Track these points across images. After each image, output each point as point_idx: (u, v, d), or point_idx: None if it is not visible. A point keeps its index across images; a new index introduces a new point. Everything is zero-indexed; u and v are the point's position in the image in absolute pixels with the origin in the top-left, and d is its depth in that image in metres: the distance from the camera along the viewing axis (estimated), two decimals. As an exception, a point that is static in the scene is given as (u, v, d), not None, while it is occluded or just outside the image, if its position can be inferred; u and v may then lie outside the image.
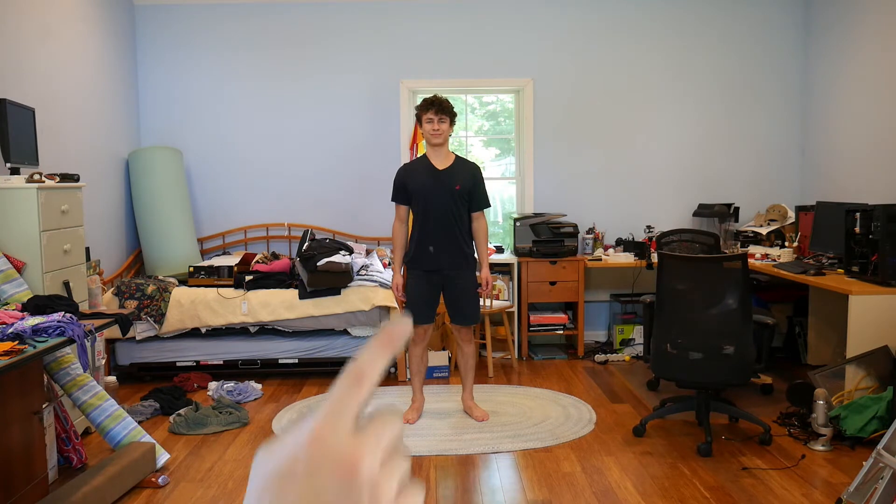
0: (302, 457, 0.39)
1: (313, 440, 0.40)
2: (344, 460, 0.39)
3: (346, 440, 0.40)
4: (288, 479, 0.39)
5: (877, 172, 5.12)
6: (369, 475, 0.40)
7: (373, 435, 0.41)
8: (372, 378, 0.42)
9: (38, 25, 4.50)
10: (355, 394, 0.41)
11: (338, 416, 0.40)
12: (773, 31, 6.13)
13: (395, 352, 0.43)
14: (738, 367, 3.78)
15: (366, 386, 0.41)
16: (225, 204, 6.15)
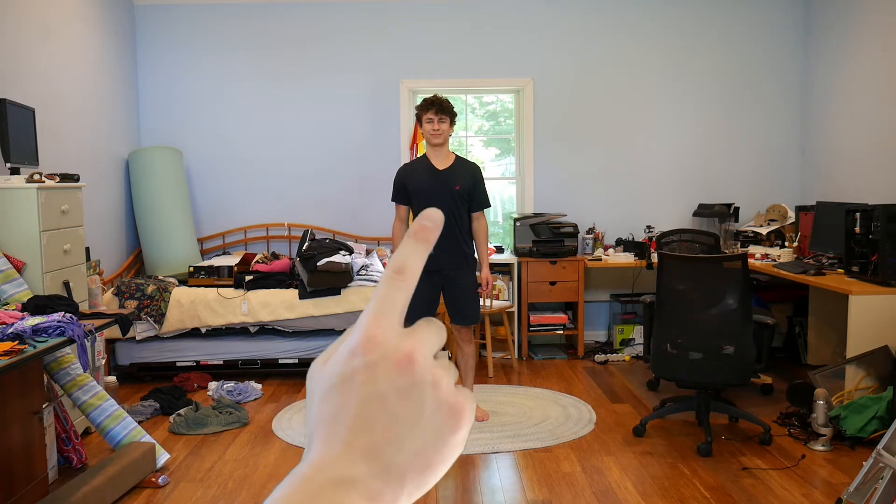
0: (358, 360, 0.39)
1: (366, 341, 0.40)
2: (399, 354, 0.39)
3: (397, 336, 0.40)
4: (348, 383, 0.39)
5: (877, 172, 5.12)
6: (426, 365, 0.40)
7: (422, 334, 0.41)
8: (413, 272, 0.41)
9: (38, 25, 4.50)
10: (399, 290, 0.41)
11: (386, 313, 0.40)
12: (773, 31, 6.13)
13: (431, 244, 0.42)
14: (738, 367, 3.78)
15: (408, 281, 0.41)
16: (225, 204, 6.15)
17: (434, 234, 0.42)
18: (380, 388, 0.39)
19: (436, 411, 0.39)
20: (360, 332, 0.40)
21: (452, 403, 0.40)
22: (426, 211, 0.43)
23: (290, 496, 0.37)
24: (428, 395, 0.39)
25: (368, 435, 0.38)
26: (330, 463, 0.38)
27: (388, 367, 0.39)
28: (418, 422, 0.39)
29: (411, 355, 0.39)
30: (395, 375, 0.39)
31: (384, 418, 0.38)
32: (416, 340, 0.40)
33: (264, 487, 3.47)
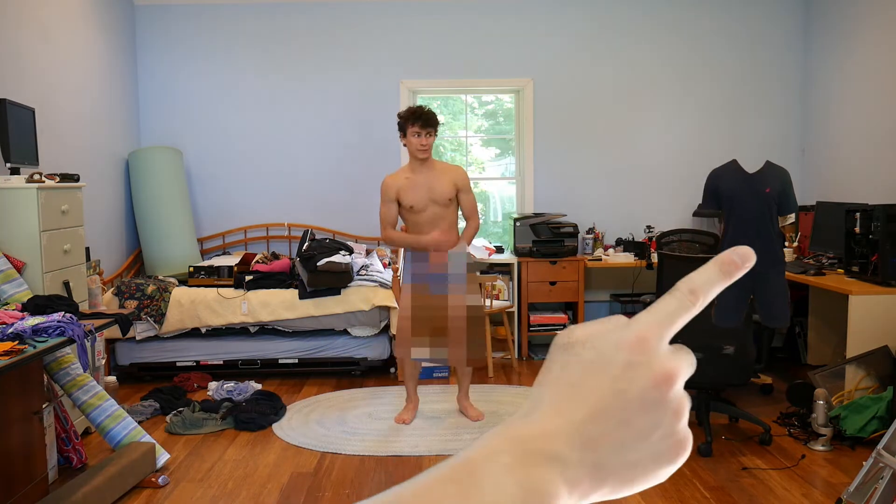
0: (623, 355, 0.39)
1: (638, 341, 0.39)
2: (664, 369, 0.39)
3: (667, 351, 0.40)
4: (602, 371, 0.39)
5: (877, 172, 5.12)
6: (678, 390, 0.40)
7: (684, 359, 0.40)
8: (706, 299, 0.41)
9: (38, 25, 4.50)
10: (685, 309, 0.40)
11: (664, 326, 0.40)
12: (773, 31, 6.13)
13: (733, 279, 0.41)
14: (738, 367, 3.78)
15: (697, 305, 0.41)
16: (225, 204, 6.15)
17: (739, 273, 0.41)
18: (630, 391, 0.39)
19: (664, 438, 0.40)
20: (634, 330, 0.40)
21: (681, 439, 0.40)
22: (741, 248, 0.42)
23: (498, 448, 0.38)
24: (666, 420, 0.39)
25: (598, 427, 0.38)
26: (550, 434, 0.38)
27: (647, 376, 0.39)
28: (646, 439, 0.39)
29: (672, 375, 0.39)
30: (649, 387, 0.39)
31: (619, 420, 0.38)
32: (681, 364, 0.40)
33: (264, 487, 3.47)
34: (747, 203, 3.87)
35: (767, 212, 3.89)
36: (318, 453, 3.88)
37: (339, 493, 3.40)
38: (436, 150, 6.54)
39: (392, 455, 3.83)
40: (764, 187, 3.91)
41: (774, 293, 3.84)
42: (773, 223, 3.88)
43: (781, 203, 3.94)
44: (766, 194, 3.90)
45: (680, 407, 0.40)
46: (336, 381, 5.17)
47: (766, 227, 3.84)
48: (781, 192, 3.94)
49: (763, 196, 3.89)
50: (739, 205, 3.88)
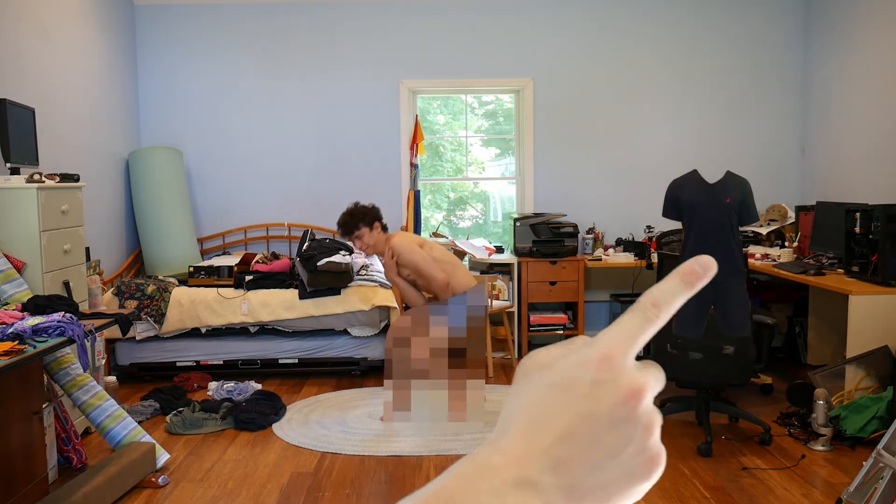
0: (588, 374, 0.39)
1: (602, 359, 0.39)
2: (631, 385, 0.39)
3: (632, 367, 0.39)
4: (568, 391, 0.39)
5: (877, 172, 5.12)
6: (647, 405, 0.39)
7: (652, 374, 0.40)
8: (668, 311, 0.40)
9: (38, 25, 4.50)
10: (649, 322, 0.40)
11: (629, 342, 0.40)
12: (773, 31, 6.13)
13: (695, 290, 0.41)
14: (738, 367, 3.78)
15: (660, 318, 0.40)
16: (225, 204, 6.15)
17: (701, 282, 0.41)
18: (597, 410, 0.38)
19: (636, 454, 0.39)
20: (598, 348, 0.39)
21: (654, 455, 0.40)
22: (702, 257, 0.41)
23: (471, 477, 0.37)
24: (637, 436, 0.39)
25: (568, 449, 0.38)
26: (520, 459, 0.38)
27: (615, 393, 0.38)
28: (618, 456, 0.38)
29: (640, 391, 0.39)
30: (617, 404, 0.38)
31: (590, 440, 0.38)
32: (648, 379, 0.39)
33: (264, 487, 3.47)
34: (707, 213, 3.90)
35: (728, 222, 3.91)
36: (318, 453, 3.88)
37: (339, 493, 3.40)
38: (436, 151, 6.56)
39: (392, 455, 3.83)
40: (724, 197, 3.94)
41: (735, 303, 3.86)
42: (733, 233, 3.91)
43: (742, 213, 3.97)
44: (727, 204, 3.93)
45: (650, 422, 0.39)
46: (336, 381, 5.17)
47: (726, 238, 3.88)
48: (742, 202, 3.96)
49: (723, 206, 3.91)
50: (700, 215, 3.90)
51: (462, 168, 6.60)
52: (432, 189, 6.59)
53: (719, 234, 3.83)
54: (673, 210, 4.04)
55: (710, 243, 3.80)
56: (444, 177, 6.61)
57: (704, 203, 3.89)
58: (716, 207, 3.86)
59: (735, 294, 3.75)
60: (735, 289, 3.76)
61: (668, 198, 4.08)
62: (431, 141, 6.47)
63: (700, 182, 3.99)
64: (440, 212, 6.66)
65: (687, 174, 4.08)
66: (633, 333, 0.40)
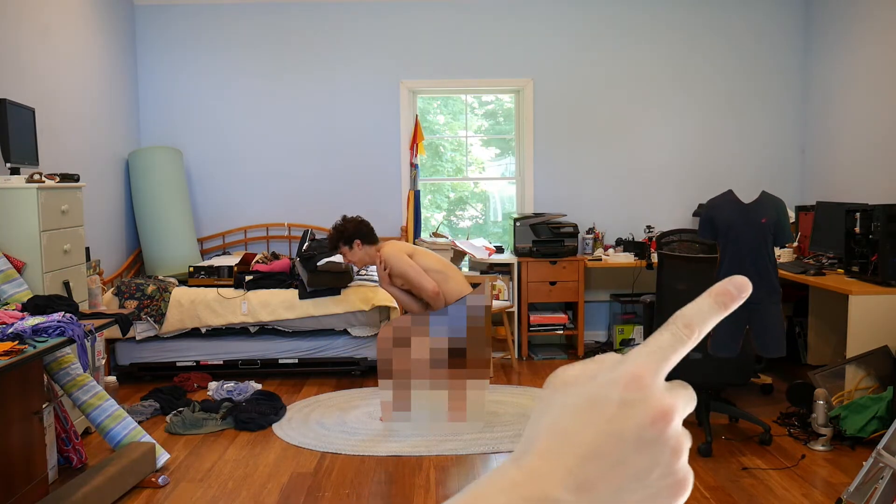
0: (616, 393, 0.38)
1: (632, 378, 0.38)
2: (660, 406, 0.38)
3: (662, 388, 0.39)
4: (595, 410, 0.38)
5: (877, 172, 5.12)
6: (676, 428, 0.38)
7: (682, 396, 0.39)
8: (701, 332, 0.40)
9: (38, 25, 4.50)
10: (681, 343, 0.39)
11: (659, 360, 0.39)
12: (774, 31, 6.13)
13: (728, 311, 0.40)
14: (738, 367, 3.78)
15: (692, 339, 0.40)
16: (225, 204, 6.15)
17: (736, 303, 0.40)
18: (624, 430, 0.37)
19: (663, 477, 0.38)
20: (627, 367, 0.39)
21: (681, 478, 0.39)
22: (736, 278, 0.41)
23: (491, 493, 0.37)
24: (664, 459, 0.38)
25: (593, 469, 0.37)
26: (543, 477, 0.37)
27: (643, 414, 0.38)
28: (644, 479, 0.38)
29: (669, 413, 0.38)
30: (645, 424, 0.38)
31: (615, 460, 0.37)
32: (678, 400, 0.39)
33: (264, 487, 3.47)
34: (743, 233, 3.90)
35: (763, 242, 3.91)
36: (318, 453, 3.88)
37: (339, 493, 3.40)
38: (436, 151, 6.56)
39: (392, 455, 3.83)
40: (759, 217, 3.93)
41: (770, 324, 3.86)
42: (769, 253, 3.91)
43: (777, 233, 3.97)
44: (762, 224, 3.93)
45: (679, 445, 0.39)
46: (336, 381, 5.17)
47: (762, 258, 3.87)
48: (777, 222, 3.96)
49: (759, 226, 3.91)
50: (735, 235, 3.90)
51: (462, 168, 6.60)
52: (432, 189, 6.59)
53: (755, 254, 3.83)
54: (709, 231, 4.04)
55: (746, 264, 3.81)
56: (444, 177, 6.61)
57: (740, 223, 3.89)
58: (751, 228, 3.86)
59: (770, 315, 3.75)
60: (770, 309, 3.76)
61: (704, 218, 4.08)
62: (431, 141, 6.47)
63: (736, 202, 3.99)
64: (440, 212, 6.66)
65: (722, 194, 4.08)
66: (664, 353, 0.39)
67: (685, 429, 0.40)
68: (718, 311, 0.40)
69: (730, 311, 0.40)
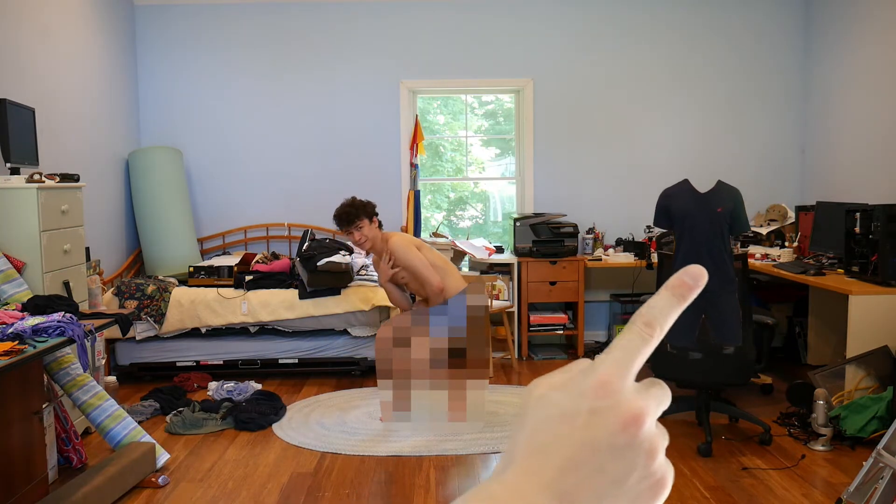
0: (586, 403, 0.38)
1: (599, 386, 0.38)
2: (630, 410, 0.38)
3: (631, 392, 0.39)
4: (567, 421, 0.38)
5: (877, 172, 5.12)
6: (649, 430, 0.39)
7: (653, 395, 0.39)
8: (663, 328, 0.40)
9: (38, 25, 4.50)
10: (644, 343, 0.40)
11: (625, 364, 0.39)
12: (774, 31, 6.13)
13: (687, 302, 0.40)
14: (738, 367, 3.78)
15: (655, 336, 0.40)
16: (225, 204, 6.15)
17: (693, 293, 0.40)
18: (597, 439, 0.38)
19: (641, 480, 0.39)
20: (595, 374, 0.39)
21: (660, 478, 0.39)
22: (691, 267, 0.41)
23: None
24: (640, 462, 0.38)
25: (572, 479, 0.38)
26: (524, 492, 0.37)
27: (614, 420, 0.38)
28: (622, 484, 0.38)
29: (640, 416, 0.38)
30: (616, 430, 0.38)
31: (591, 469, 0.38)
32: (648, 402, 0.39)
33: (264, 487, 3.47)
34: (699, 223, 3.90)
35: (719, 231, 3.92)
36: (318, 453, 3.88)
37: (339, 493, 3.40)
38: (436, 151, 6.56)
39: (392, 455, 3.83)
40: (716, 207, 3.94)
41: (727, 313, 3.87)
42: (724, 242, 3.92)
43: (733, 223, 3.97)
44: (718, 214, 3.93)
45: (652, 447, 0.39)
46: (336, 381, 5.17)
47: (717, 247, 3.88)
48: (733, 211, 3.97)
49: (715, 216, 3.92)
50: (691, 224, 3.91)
51: (462, 168, 6.60)
52: (432, 189, 6.59)
53: (710, 243, 3.84)
54: (664, 219, 4.05)
55: (702, 253, 3.81)
56: (444, 177, 6.61)
57: (695, 212, 3.90)
58: (707, 217, 3.86)
59: (727, 304, 3.76)
60: (727, 298, 3.76)
61: (659, 207, 4.09)
62: (431, 141, 6.47)
63: (691, 191, 4.00)
64: (440, 212, 6.66)
65: (678, 183, 4.08)
66: (629, 356, 0.39)
67: (661, 426, 0.40)
68: (677, 304, 0.40)
69: (688, 302, 0.40)
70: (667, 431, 0.40)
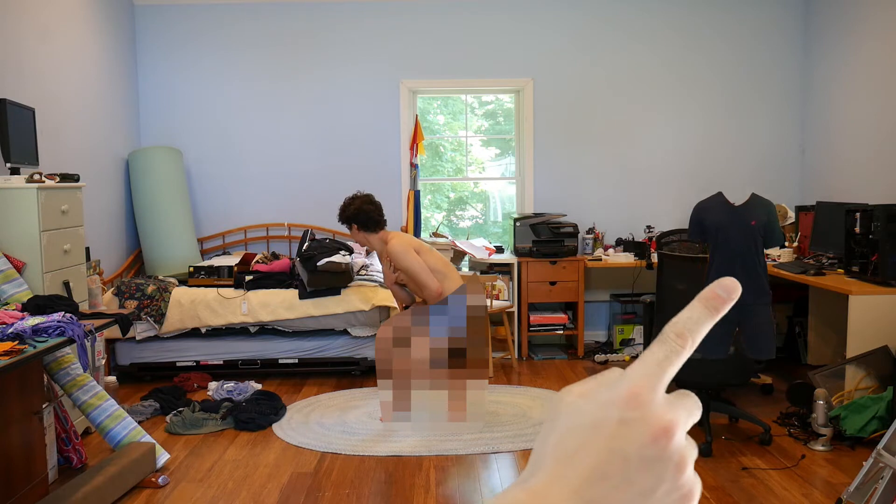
0: (616, 412, 0.38)
1: (631, 396, 0.38)
2: (660, 423, 0.38)
3: (662, 403, 0.38)
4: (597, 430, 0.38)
5: (877, 172, 5.12)
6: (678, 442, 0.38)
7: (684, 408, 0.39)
8: (694, 340, 0.39)
9: (38, 25, 4.50)
10: (676, 354, 0.39)
11: (657, 375, 0.39)
12: (773, 31, 6.13)
13: (720, 315, 0.40)
14: (738, 367, 3.78)
15: (687, 348, 0.39)
16: (225, 204, 6.15)
17: (726, 306, 0.40)
18: (626, 449, 0.37)
19: (669, 493, 0.38)
20: (626, 385, 0.39)
21: (687, 492, 0.39)
22: (725, 280, 0.40)
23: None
24: (668, 475, 0.38)
25: (598, 489, 0.37)
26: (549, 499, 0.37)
27: (644, 431, 0.38)
28: (650, 496, 0.38)
29: (670, 429, 0.38)
30: (646, 442, 0.38)
31: (620, 479, 0.37)
32: (678, 414, 0.38)
33: (264, 487, 3.47)
34: (733, 236, 3.90)
35: (753, 245, 3.92)
36: (318, 453, 3.88)
37: (339, 493, 3.40)
38: (436, 151, 6.56)
39: (392, 455, 3.83)
40: (749, 220, 3.94)
41: (760, 326, 3.86)
42: (758, 256, 3.92)
43: (767, 236, 3.97)
44: (752, 227, 3.93)
45: (682, 460, 0.38)
46: (336, 381, 5.17)
47: (751, 260, 3.88)
48: (767, 224, 3.97)
49: (749, 229, 3.91)
50: (725, 238, 3.90)
51: (462, 168, 6.60)
52: (432, 189, 6.59)
53: (744, 256, 3.83)
54: (698, 232, 4.04)
55: (735, 266, 3.81)
56: (444, 177, 6.62)
57: (729, 225, 3.89)
58: (741, 230, 3.86)
59: (760, 317, 3.76)
60: (760, 311, 3.76)
61: (694, 220, 4.09)
62: (431, 141, 6.47)
63: (725, 204, 3.99)
64: (440, 212, 6.66)
65: (712, 196, 4.08)
66: (661, 367, 0.39)
67: (690, 439, 0.39)
68: (710, 317, 0.40)
69: (721, 314, 0.40)
70: (696, 444, 0.40)
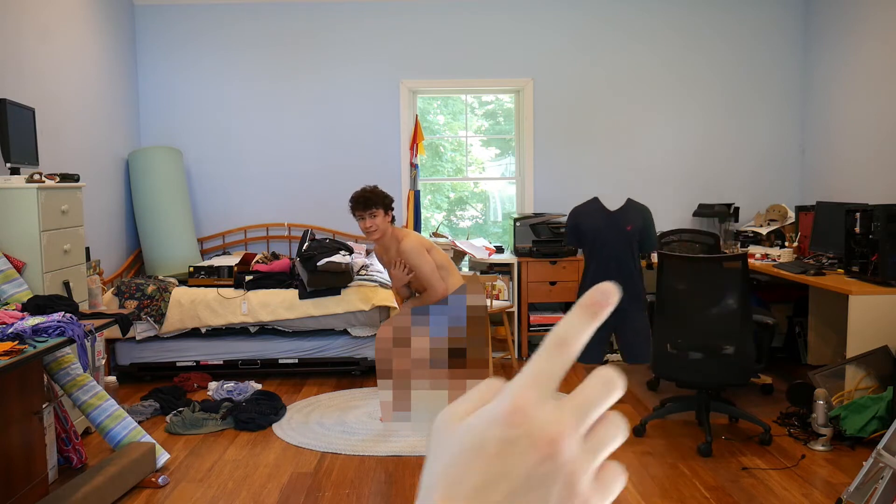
0: (499, 430, 0.37)
1: (513, 411, 0.37)
2: (544, 437, 0.36)
3: (548, 414, 0.37)
4: (480, 451, 0.37)
5: (877, 172, 5.12)
6: (569, 457, 0.37)
7: (579, 409, 0.38)
8: (577, 347, 0.38)
9: (38, 25, 4.50)
10: (557, 364, 0.38)
11: (540, 385, 0.37)
12: (773, 31, 6.13)
13: (601, 319, 0.39)
14: (738, 367, 3.78)
15: (570, 355, 0.38)
16: (225, 204, 6.15)
17: (606, 311, 0.39)
18: (511, 469, 0.36)
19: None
20: (508, 400, 0.37)
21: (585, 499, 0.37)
22: (602, 285, 0.39)
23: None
24: (555, 492, 0.36)
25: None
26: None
27: (528, 448, 0.36)
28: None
29: (556, 441, 0.36)
30: (532, 460, 0.36)
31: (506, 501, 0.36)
32: (565, 420, 0.37)
33: (264, 488, 3.47)
34: (609, 240, 3.91)
35: (628, 249, 3.93)
36: (318, 453, 3.88)
37: (339, 493, 3.40)
38: (436, 151, 6.56)
39: (392, 455, 3.83)
40: (625, 225, 3.95)
41: (635, 329, 3.87)
42: (634, 260, 3.93)
43: (642, 240, 3.98)
44: (628, 232, 3.94)
45: (571, 473, 0.36)
46: (336, 381, 5.17)
47: (627, 264, 3.90)
48: (643, 229, 3.98)
49: (624, 233, 3.93)
50: (601, 242, 3.92)
51: (462, 168, 6.60)
52: (432, 189, 6.59)
53: (620, 260, 3.86)
54: (574, 237, 4.07)
55: (612, 270, 3.83)
56: (444, 177, 6.62)
57: (605, 230, 3.91)
58: (616, 235, 3.88)
59: (635, 321, 3.77)
60: (635, 315, 3.78)
61: (570, 225, 4.12)
62: (431, 141, 6.47)
63: (601, 210, 4.02)
64: (440, 212, 6.66)
65: (588, 201, 4.12)
66: (544, 378, 0.38)
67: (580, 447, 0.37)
68: (590, 322, 0.39)
69: (601, 319, 0.39)
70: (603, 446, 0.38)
